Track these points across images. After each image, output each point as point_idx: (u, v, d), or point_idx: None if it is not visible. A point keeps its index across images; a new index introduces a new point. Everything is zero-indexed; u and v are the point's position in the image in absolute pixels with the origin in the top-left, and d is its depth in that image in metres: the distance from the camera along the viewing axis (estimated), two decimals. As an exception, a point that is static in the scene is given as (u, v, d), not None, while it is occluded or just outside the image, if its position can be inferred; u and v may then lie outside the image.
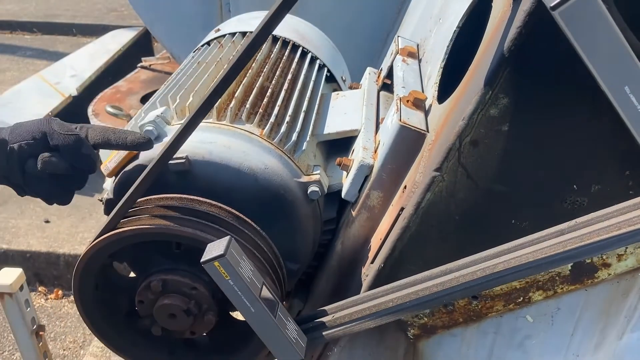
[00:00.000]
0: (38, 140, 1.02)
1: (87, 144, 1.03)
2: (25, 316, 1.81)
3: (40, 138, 1.02)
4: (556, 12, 0.68)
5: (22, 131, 1.03)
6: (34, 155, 1.02)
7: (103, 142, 1.04)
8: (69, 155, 1.02)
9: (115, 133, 1.05)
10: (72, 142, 1.02)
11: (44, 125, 1.03)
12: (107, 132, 1.05)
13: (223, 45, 1.51)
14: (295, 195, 1.11)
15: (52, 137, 1.02)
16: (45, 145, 1.02)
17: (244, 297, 0.89)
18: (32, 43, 6.22)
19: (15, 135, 1.02)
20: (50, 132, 1.02)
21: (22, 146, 1.01)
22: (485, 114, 0.89)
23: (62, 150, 1.02)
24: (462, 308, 1.03)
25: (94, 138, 1.04)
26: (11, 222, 3.29)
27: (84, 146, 1.03)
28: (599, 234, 0.81)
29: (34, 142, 1.02)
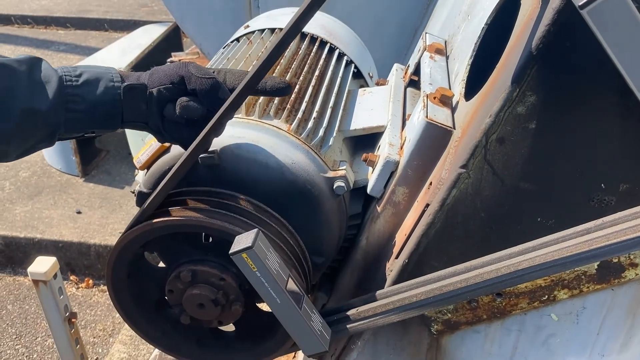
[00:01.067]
0: (176, 85, 1.01)
1: (224, 88, 1.01)
2: (58, 303, 1.87)
3: (178, 82, 1.01)
4: (585, 10, 0.68)
5: (160, 75, 1.02)
6: (173, 99, 1.00)
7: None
8: (206, 99, 1.00)
9: (254, 78, 1.00)
10: (210, 86, 0.99)
11: (181, 69, 1.01)
12: (246, 77, 1.00)
13: (252, 41, 1.53)
14: (321, 190, 1.12)
15: (190, 81, 1.00)
16: (183, 89, 1.01)
17: (270, 288, 0.91)
18: (65, 38, 6.36)
19: (154, 80, 1.01)
20: (188, 75, 1.01)
21: (160, 90, 1.00)
22: (512, 111, 0.89)
23: (200, 94, 1.00)
24: (486, 305, 1.03)
25: (232, 82, 1.02)
26: (45, 212, 3.38)
27: (221, 90, 1.00)
28: (626, 233, 0.80)
29: (172, 86, 1.00)
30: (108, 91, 0.99)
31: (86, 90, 0.98)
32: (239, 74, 1.04)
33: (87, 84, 0.98)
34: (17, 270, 3.25)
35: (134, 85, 1.00)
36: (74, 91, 0.97)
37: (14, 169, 3.79)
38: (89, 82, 0.98)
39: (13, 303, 3.04)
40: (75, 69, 0.99)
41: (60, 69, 0.99)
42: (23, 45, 6.13)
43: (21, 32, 6.54)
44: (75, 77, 0.98)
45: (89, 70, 1.00)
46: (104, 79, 0.99)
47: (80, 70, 0.99)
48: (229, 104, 0.91)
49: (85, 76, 0.99)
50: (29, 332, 2.87)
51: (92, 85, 0.98)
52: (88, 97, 0.98)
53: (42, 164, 3.81)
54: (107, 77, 1.00)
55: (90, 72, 1.00)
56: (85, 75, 0.99)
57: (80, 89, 0.98)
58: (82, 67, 1.00)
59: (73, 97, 0.97)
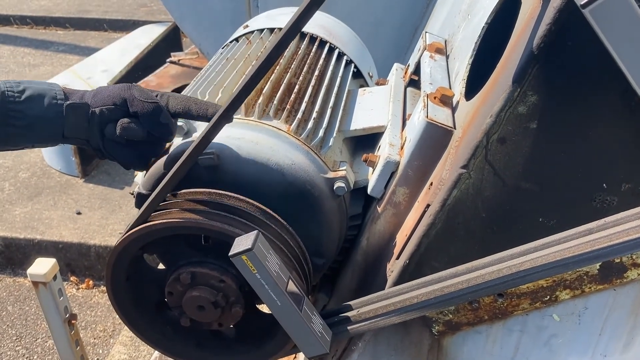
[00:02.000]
0: (118, 106, 1.03)
1: (165, 112, 1.04)
2: (58, 305, 1.86)
3: (121, 104, 1.03)
4: (587, 10, 0.67)
5: (103, 96, 1.04)
6: (114, 120, 1.03)
7: (183, 111, 1.05)
8: (147, 122, 1.03)
9: (196, 104, 1.05)
10: (151, 110, 1.03)
11: (125, 92, 1.04)
12: (189, 102, 1.05)
13: (251, 41, 1.52)
14: (321, 191, 1.12)
15: (132, 104, 1.03)
16: (125, 111, 1.04)
17: (270, 290, 0.90)
18: (64, 38, 6.36)
19: (97, 100, 1.04)
20: (131, 98, 1.03)
21: (103, 111, 1.03)
22: (514, 111, 0.89)
23: (141, 117, 1.03)
24: (487, 305, 1.03)
25: (174, 107, 1.05)
26: (45, 213, 3.38)
27: (163, 114, 1.03)
28: (629, 234, 0.80)
29: (115, 107, 1.03)
30: (51, 108, 1.01)
31: (29, 106, 1.00)
32: (181, 99, 1.06)
33: (30, 100, 1.00)
34: (17, 272, 3.25)
35: (77, 104, 1.02)
36: (16, 107, 0.99)
37: (13, 170, 3.79)
38: (32, 99, 1.00)
39: (13, 304, 3.04)
40: (19, 84, 1.01)
41: (3, 84, 1.00)
42: (22, 46, 6.14)
43: (20, 32, 6.54)
44: (18, 93, 0.99)
45: (32, 87, 1.01)
46: (47, 95, 1.01)
47: (23, 85, 1.01)
48: (227, 105, 0.90)
49: (28, 92, 1.00)
50: (29, 334, 2.87)
51: (35, 101, 1.00)
52: (30, 114, 1.00)
53: (41, 164, 3.81)
54: (51, 94, 1.02)
55: (33, 89, 1.01)
56: (28, 91, 1.00)
57: (23, 104, 0.99)
58: (26, 83, 1.02)
59: (15, 112, 0.99)
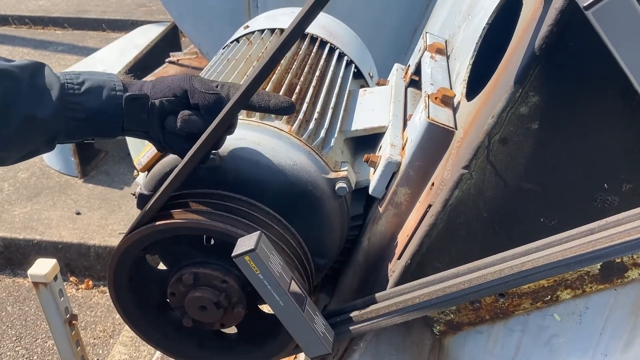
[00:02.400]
0: (179, 98, 1.01)
1: (227, 103, 0.99)
2: (59, 305, 1.86)
3: (181, 95, 1.01)
4: (589, 11, 0.67)
5: (163, 87, 1.02)
6: (174, 112, 1.00)
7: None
8: (208, 114, 1.00)
9: (258, 95, 1.02)
10: (212, 102, 1.00)
11: (185, 82, 1.02)
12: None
13: (252, 42, 1.52)
14: (323, 191, 1.12)
15: (193, 95, 1.00)
16: (186, 103, 1.01)
17: (273, 291, 0.90)
18: (63, 38, 6.34)
19: (157, 91, 1.01)
20: (192, 89, 1.01)
21: (163, 102, 1.00)
22: (515, 112, 0.89)
23: (202, 108, 1.00)
24: (488, 305, 1.03)
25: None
26: (44, 213, 3.37)
27: (224, 106, 0.98)
28: (630, 234, 0.80)
29: (175, 99, 1.00)
30: (110, 100, 0.99)
31: (88, 99, 0.98)
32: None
33: (89, 92, 0.98)
34: (17, 272, 3.24)
35: (136, 96, 1.00)
36: (76, 99, 0.97)
37: (12, 170, 3.78)
38: (91, 90, 0.98)
39: (13, 305, 3.04)
40: (78, 75, 0.99)
41: (63, 76, 0.99)
42: (21, 46, 6.12)
43: (19, 32, 6.53)
44: (78, 85, 0.98)
45: (91, 78, 1.00)
46: (106, 87, 0.99)
47: (82, 77, 0.99)
48: (230, 105, 0.91)
49: (87, 84, 0.99)
50: (29, 334, 2.87)
51: (94, 93, 0.98)
52: (89, 106, 0.98)
53: (41, 165, 3.81)
54: (110, 86, 1.00)
55: (92, 80, 1.00)
56: (87, 83, 0.99)
57: (82, 97, 0.98)
58: (85, 74, 1.00)
59: (75, 105, 0.97)
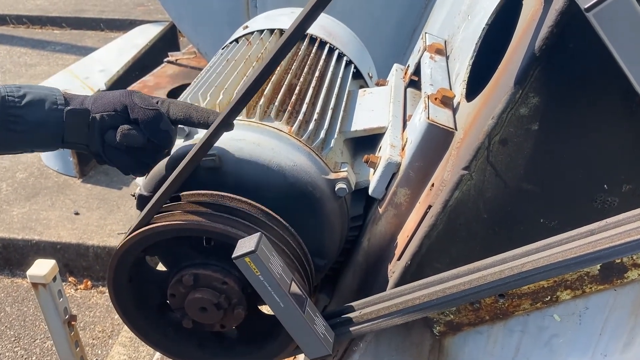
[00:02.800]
0: (119, 112, 1.03)
1: (166, 119, 1.04)
2: (58, 306, 1.86)
3: (121, 110, 1.03)
4: (590, 13, 0.67)
5: (104, 102, 1.04)
6: (114, 126, 1.03)
7: (184, 118, 1.05)
8: (147, 129, 1.03)
9: (197, 111, 1.05)
10: (152, 117, 1.03)
11: (125, 98, 1.04)
12: (190, 110, 1.05)
13: (251, 42, 1.52)
14: (323, 192, 1.12)
15: (133, 110, 1.03)
16: (126, 118, 1.04)
17: (273, 292, 0.90)
18: (61, 38, 6.33)
19: (97, 105, 1.04)
20: (132, 105, 1.03)
21: (103, 117, 1.03)
22: (515, 113, 0.89)
23: (142, 123, 1.03)
24: (488, 306, 1.03)
25: (175, 114, 1.05)
26: (42, 214, 3.37)
27: (163, 122, 1.03)
28: (630, 235, 0.80)
29: (115, 114, 1.03)
30: (51, 113, 1.01)
31: (28, 112, 0.99)
32: (182, 105, 1.06)
33: (30, 105, 1.00)
34: (15, 272, 3.24)
35: (77, 110, 1.02)
36: (16, 112, 0.99)
37: (10, 170, 3.77)
38: (32, 104, 1.00)
39: (11, 305, 3.03)
40: (19, 88, 1.01)
41: (3, 88, 1.00)
42: (18, 46, 6.11)
43: (16, 32, 6.52)
44: (19, 98, 0.99)
45: (32, 92, 1.01)
46: (47, 100, 1.01)
47: (24, 90, 1.01)
48: (231, 107, 0.90)
49: (28, 97, 1.00)
50: (28, 334, 2.86)
51: (36, 107, 1.00)
52: (30, 119, 0.99)
53: (39, 165, 3.80)
54: (51, 100, 1.02)
55: (34, 94, 1.01)
56: (29, 96, 1.00)
57: (23, 110, 0.99)
58: (26, 87, 1.02)
59: (15, 117, 0.98)
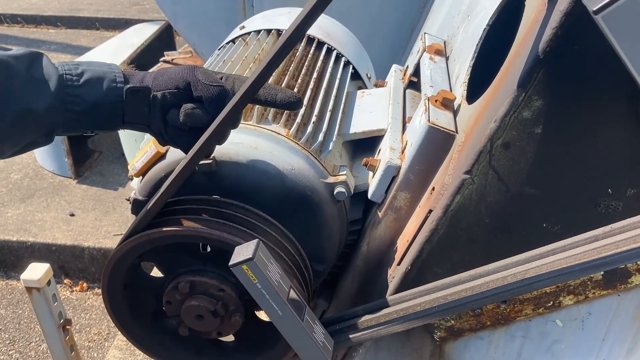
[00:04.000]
0: (181, 90, 0.97)
1: (232, 96, 0.96)
2: (52, 310, 1.83)
3: (184, 87, 0.97)
4: (599, 16, 0.66)
5: (166, 79, 0.98)
6: (177, 105, 0.97)
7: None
8: (212, 107, 0.95)
9: (265, 88, 0.98)
10: (216, 94, 0.95)
11: (188, 74, 0.98)
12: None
13: (248, 43, 1.50)
14: (321, 196, 1.10)
15: (196, 88, 0.96)
16: (189, 96, 0.97)
17: (271, 300, 0.88)
18: (56, 37, 6.29)
19: (159, 83, 0.97)
20: (195, 81, 0.97)
21: (165, 95, 0.96)
22: (518, 116, 0.87)
23: (206, 101, 0.96)
24: (490, 311, 1.02)
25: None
26: (37, 215, 3.33)
27: (229, 98, 0.95)
28: (636, 241, 0.79)
29: (177, 91, 0.96)
30: (110, 92, 0.95)
31: (87, 91, 0.94)
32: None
33: (88, 84, 0.94)
34: (10, 274, 3.20)
35: (137, 88, 0.96)
36: (75, 91, 0.93)
37: (5, 171, 3.74)
38: (90, 82, 0.94)
39: (6, 308, 3.00)
40: (77, 66, 0.95)
41: (61, 66, 0.94)
42: (13, 45, 6.07)
43: (11, 31, 6.47)
44: (77, 76, 0.94)
45: (91, 69, 0.96)
46: (106, 79, 0.95)
47: (82, 68, 0.95)
48: (230, 109, 0.88)
49: (87, 75, 0.94)
50: (23, 337, 2.84)
51: (94, 85, 0.94)
52: (89, 99, 0.94)
53: (34, 165, 3.77)
54: (110, 77, 0.96)
55: (92, 71, 0.95)
56: (87, 74, 0.95)
57: (81, 89, 0.94)
58: (84, 65, 0.96)
59: (73, 97, 0.93)
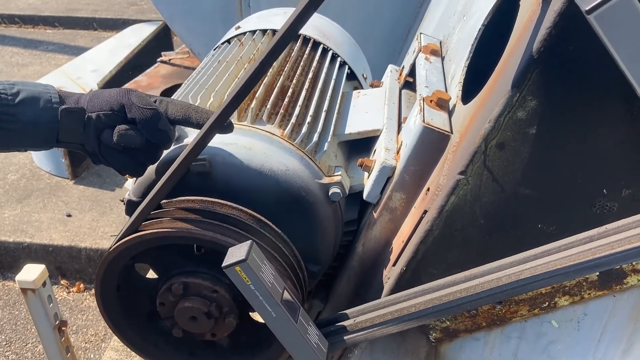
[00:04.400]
0: (116, 112, 1.00)
1: (164, 119, 1.00)
2: (47, 312, 1.82)
3: (118, 110, 1.00)
4: (592, 15, 0.65)
5: (101, 100, 1.01)
6: (111, 126, 1.00)
7: (183, 118, 1.02)
8: (145, 129, 0.99)
9: (197, 111, 1.02)
10: (150, 117, 0.99)
11: (122, 97, 1.01)
12: (189, 110, 1.02)
13: (243, 43, 1.50)
14: (316, 197, 1.10)
15: (130, 110, 0.99)
16: (123, 117, 1.00)
17: (265, 301, 0.88)
18: (53, 37, 6.28)
19: (94, 104, 1.00)
20: (129, 104, 1.00)
21: (99, 116, 0.99)
22: (513, 116, 0.87)
23: (139, 123, 0.99)
24: (485, 312, 1.01)
25: (173, 114, 1.01)
26: (34, 216, 3.33)
27: (161, 121, 1.00)
28: (630, 242, 0.79)
29: (112, 113, 1.00)
30: (45, 112, 0.97)
31: (22, 110, 0.96)
32: (181, 105, 1.03)
33: (23, 104, 0.96)
34: (6, 275, 3.20)
35: (72, 109, 0.99)
36: (9, 110, 0.95)
37: (1, 172, 3.73)
38: (25, 102, 0.97)
39: (2, 309, 3.00)
40: (13, 85, 0.97)
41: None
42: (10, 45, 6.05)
43: (8, 31, 6.45)
44: (12, 96, 0.96)
45: (26, 89, 0.98)
46: (42, 99, 0.98)
47: (17, 87, 0.97)
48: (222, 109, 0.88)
49: (22, 95, 0.97)
50: (19, 338, 2.83)
51: (29, 105, 0.97)
52: (23, 118, 0.96)
53: (31, 166, 3.76)
54: (45, 98, 0.98)
55: (27, 91, 0.98)
56: (22, 93, 0.97)
57: (16, 108, 0.96)
58: (20, 84, 0.98)
59: (7, 116, 0.95)
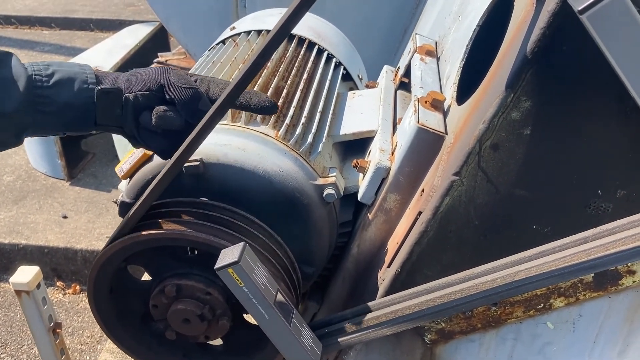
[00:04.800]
0: (154, 92, 0.94)
1: (205, 99, 0.94)
2: (42, 314, 1.82)
3: (156, 89, 0.94)
4: (584, 15, 0.65)
5: (138, 80, 0.95)
6: (149, 107, 0.94)
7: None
8: (185, 110, 0.93)
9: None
10: (189, 97, 0.93)
11: (161, 76, 0.95)
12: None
13: (238, 44, 1.49)
14: (310, 198, 1.09)
15: (169, 90, 0.94)
16: (161, 97, 0.94)
17: (258, 304, 0.87)
18: (50, 38, 6.27)
19: (131, 84, 0.95)
20: (167, 83, 0.94)
21: (137, 97, 0.94)
22: (507, 117, 0.87)
23: (179, 104, 0.93)
24: (480, 314, 1.01)
25: (215, 93, 0.95)
26: (30, 217, 3.32)
27: (202, 101, 0.93)
28: (625, 243, 0.78)
29: (150, 93, 0.94)
30: (81, 94, 0.93)
31: (57, 92, 0.91)
32: (222, 84, 0.98)
33: (58, 85, 0.92)
34: (2, 277, 3.18)
35: (109, 90, 0.94)
36: (44, 92, 0.91)
37: (-3, 173, 3.72)
38: (61, 83, 0.92)
39: (-2, 310, 2.99)
40: (48, 66, 0.93)
41: (31, 67, 0.92)
42: (7, 46, 6.03)
43: (5, 32, 6.44)
44: (47, 77, 0.91)
45: (62, 70, 0.93)
46: (77, 79, 0.93)
47: (52, 69, 0.93)
48: (211, 113, 0.87)
49: (57, 76, 0.92)
50: (15, 340, 2.82)
51: (65, 86, 0.92)
52: (59, 100, 0.91)
53: (26, 167, 3.75)
54: (81, 78, 0.93)
55: (63, 72, 0.93)
56: (57, 74, 0.92)
57: (51, 90, 0.91)
58: (55, 65, 0.94)
59: (43, 98, 0.91)
